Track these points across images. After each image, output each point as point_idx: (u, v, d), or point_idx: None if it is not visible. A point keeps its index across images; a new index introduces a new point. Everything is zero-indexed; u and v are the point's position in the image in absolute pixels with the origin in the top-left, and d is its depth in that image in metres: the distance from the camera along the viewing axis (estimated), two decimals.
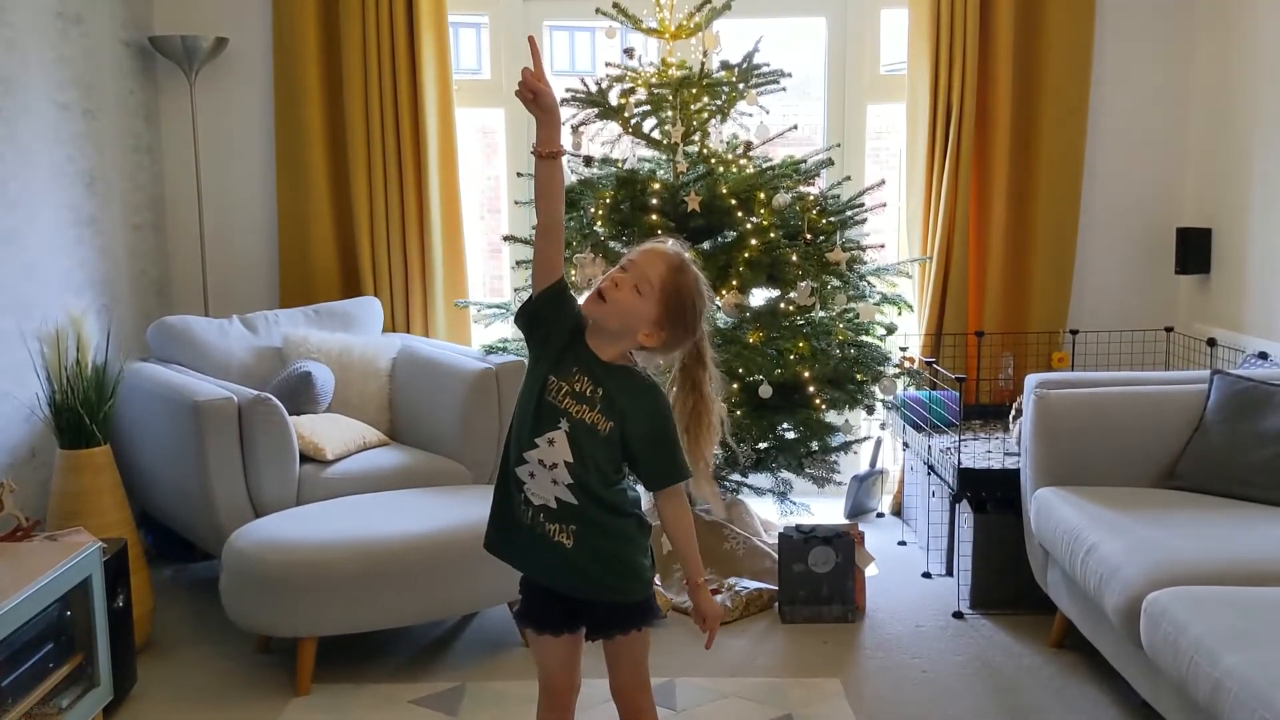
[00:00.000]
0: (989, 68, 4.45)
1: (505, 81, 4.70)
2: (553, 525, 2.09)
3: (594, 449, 2.08)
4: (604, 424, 2.08)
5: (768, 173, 3.85)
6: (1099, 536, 2.88)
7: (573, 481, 2.07)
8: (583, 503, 2.09)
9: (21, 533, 2.95)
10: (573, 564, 2.10)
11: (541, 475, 2.08)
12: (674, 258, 2.11)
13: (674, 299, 2.09)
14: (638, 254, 2.11)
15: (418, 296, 4.55)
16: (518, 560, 2.18)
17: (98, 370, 3.28)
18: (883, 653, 3.35)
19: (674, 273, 2.10)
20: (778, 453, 3.98)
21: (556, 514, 2.09)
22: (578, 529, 2.09)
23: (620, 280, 2.07)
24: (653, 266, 2.08)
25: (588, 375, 2.10)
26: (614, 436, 2.09)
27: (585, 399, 2.08)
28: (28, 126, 3.63)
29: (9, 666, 2.51)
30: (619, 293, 2.07)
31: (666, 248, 2.13)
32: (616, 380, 2.11)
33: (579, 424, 2.07)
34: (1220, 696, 2.16)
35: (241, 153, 4.62)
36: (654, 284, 2.07)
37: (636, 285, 2.07)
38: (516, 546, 2.15)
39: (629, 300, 2.07)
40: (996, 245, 4.54)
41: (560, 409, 2.08)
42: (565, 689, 2.25)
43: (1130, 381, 3.46)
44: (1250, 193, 4.12)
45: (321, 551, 3.05)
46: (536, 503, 2.09)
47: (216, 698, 3.10)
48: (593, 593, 2.15)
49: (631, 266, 2.09)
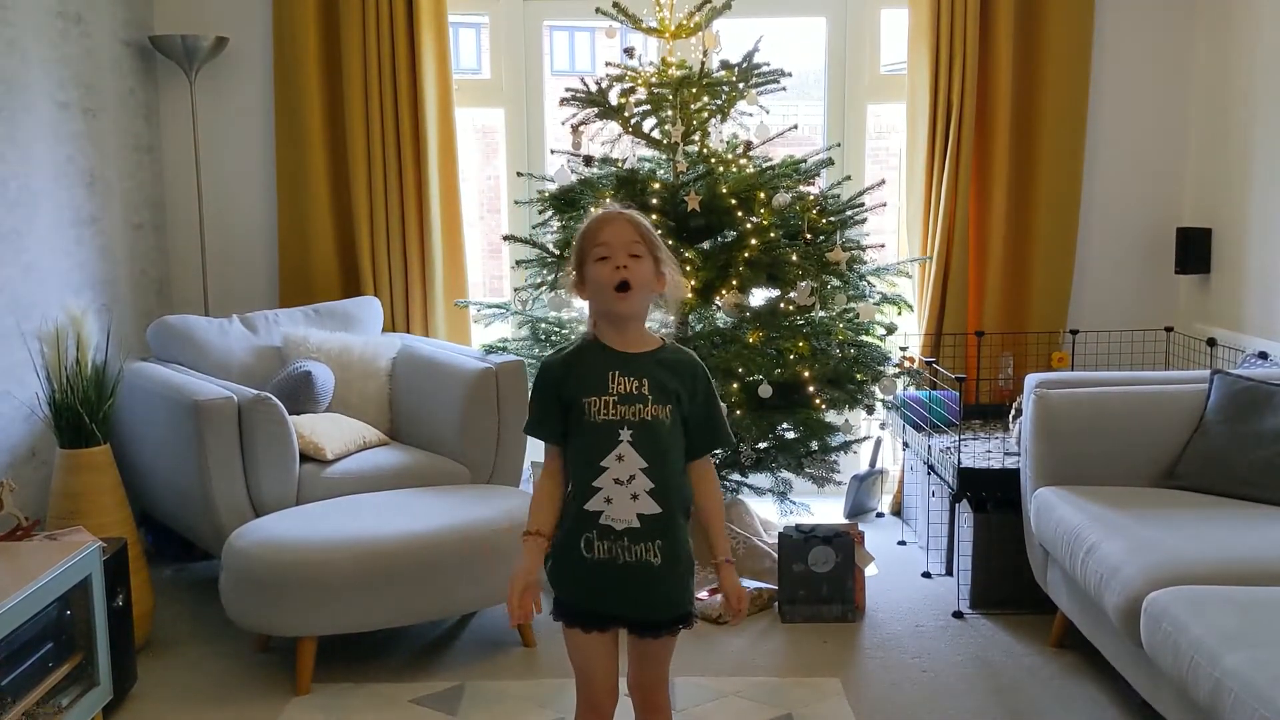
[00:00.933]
0: (989, 68, 4.45)
1: (505, 81, 4.70)
2: (639, 546, 2.06)
3: (664, 443, 2.07)
4: (663, 412, 2.07)
5: (768, 172, 3.85)
6: (1099, 536, 2.88)
7: (654, 486, 2.05)
8: (666, 508, 2.07)
9: (21, 532, 2.95)
10: (661, 581, 2.08)
11: (619, 495, 2.05)
12: (617, 213, 2.13)
13: (650, 237, 2.11)
14: (604, 235, 2.09)
15: (417, 296, 4.55)
16: (603, 601, 2.12)
17: (98, 370, 3.28)
18: (882, 652, 3.35)
19: (634, 222, 2.11)
20: (777, 452, 3.98)
21: (642, 532, 2.06)
22: (664, 542, 2.07)
23: (621, 264, 2.07)
24: (623, 230, 2.09)
25: (627, 374, 2.08)
26: (676, 421, 2.09)
27: (635, 397, 2.07)
28: (28, 126, 3.63)
29: (9, 666, 2.51)
30: (632, 272, 2.07)
31: (609, 212, 2.14)
32: (656, 364, 2.10)
33: (640, 425, 2.05)
34: (1221, 696, 2.16)
35: (241, 152, 4.62)
36: (638, 239, 2.09)
37: (632, 255, 2.08)
38: (598, 587, 2.10)
39: (642, 271, 2.08)
40: (996, 245, 4.54)
41: (614, 421, 2.06)
42: (607, 689, 2.18)
43: (1130, 381, 3.46)
44: (1250, 193, 4.12)
45: (321, 551, 3.05)
46: (619, 528, 2.05)
47: (216, 697, 3.10)
48: (672, 610, 2.13)
49: (612, 249, 2.08)
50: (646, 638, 2.16)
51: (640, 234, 2.10)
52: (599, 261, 2.08)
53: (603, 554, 2.07)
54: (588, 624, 2.14)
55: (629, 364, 2.09)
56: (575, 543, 2.08)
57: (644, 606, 2.12)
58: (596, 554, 2.07)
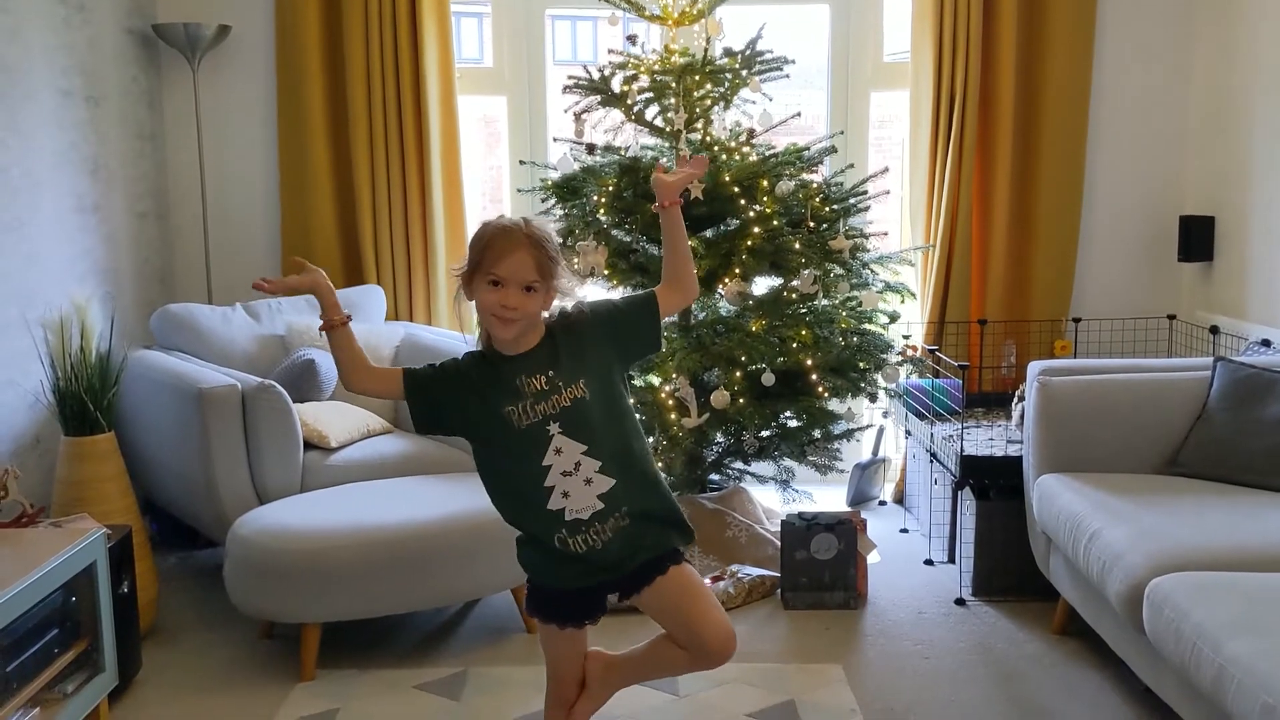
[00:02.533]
0: (992, 55, 4.44)
1: (507, 69, 4.70)
2: (608, 522, 2.08)
3: (593, 419, 2.07)
4: (578, 389, 2.07)
5: (771, 160, 3.84)
6: (1101, 523, 2.89)
7: (601, 463, 2.06)
8: (620, 477, 2.08)
9: (26, 519, 2.96)
10: (638, 536, 2.11)
11: (574, 486, 2.07)
12: (522, 238, 2.04)
13: (547, 266, 2.05)
14: (501, 268, 2.03)
15: (420, 285, 4.55)
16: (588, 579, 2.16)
17: (101, 358, 3.29)
18: (885, 639, 3.36)
19: (534, 251, 2.04)
20: (780, 440, 3.98)
21: (607, 509, 2.08)
22: (628, 505, 2.09)
23: (510, 304, 2.02)
24: (521, 265, 2.03)
25: (531, 373, 2.08)
26: (597, 387, 2.09)
27: (548, 391, 2.07)
28: (31, 113, 3.63)
29: (14, 652, 2.51)
30: (520, 310, 2.03)
31: (513, 234, 2.05)
32: (549, 350, 2.10)
33: (562, 413, 2.06)
34: (1223, 682, 2.16)
35: (244, 140, 4.62)
36: (535, 277, 2.04)
37: (525, 288, 2.04)
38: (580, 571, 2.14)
39: (531, 306, 2.05)
40: (999, 233, 4.53)
41: (538, 421, 2.06)
42: (573, 681, 2.26)
43: (1133, 369, 3.46)
44: (1253, 180, 4.11)
45: (325, 538, 3.06)
46: (587, 516, 2.07)
47: (221, 683, 3.11)
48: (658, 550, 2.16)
49: (505, 283, 2.03)
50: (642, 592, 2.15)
51: (538, 267, 2.04)
52: (490, 285, 2.04)
53: (580, 547, 2.08)
54: (547, 617, 2.19)
55: (529, 362, 2.09)
56: (550, 542, 2.09)
57: (629, 565, 2.14)
58: (574, 548, 2.09)
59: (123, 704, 2.99)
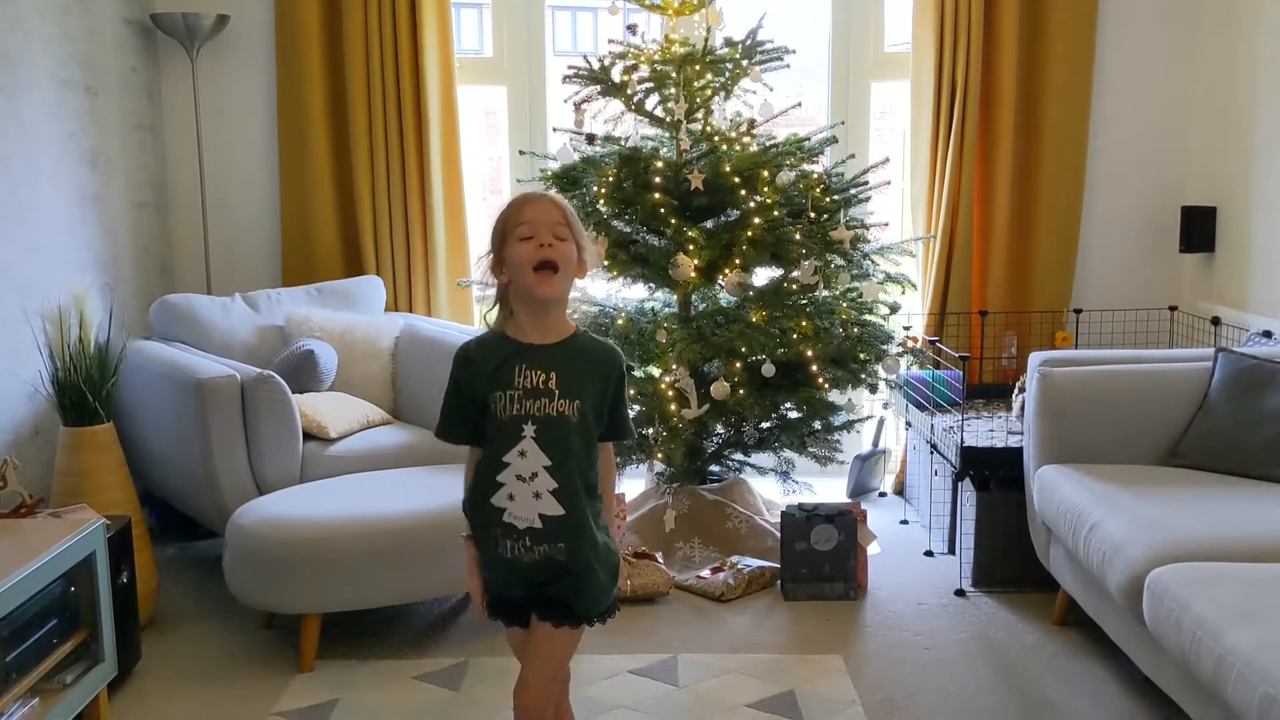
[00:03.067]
0: (993, 46, 4.43)
1: (507, 60, 4.68)
2: (541, 547, 2.00)
3: (570, 441, 1.99)
4: (570, 408, 1.99)
5: (771, 151, 3.83)
6: (1102, 514, 2.88)
7: (557, 486, 1.98)
8: (570, 510, 1.99)
9: (25, 509, 2.96)
10: (569, 579, 2.03)
11: (521, 493, 1.99)
12: (541, 194, 2.06)
13: (574, 221, 2.03)
14: (528, 213, 2.01)
15: (420, 276, 4.55)
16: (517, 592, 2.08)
17: (100, 348, 3.28)
18: (884, 630, 3.35)
19: (558, 204, 2.04)
20: (780, 432, 3.98)
21: (544, 533, 1.99)
22: (567, 545, 2.01)
23: (547, 244, 1.98)
24: (547, 210, 2.01)
25: (534, 367, 2.01)
26: (584, 421, 2.00)
27: (541, 392, 1.99)
28: (30, 104, 3.62)
29: (13, 642, 2.51)
30: (557, 252, 1.99)
31: (532, 193, 2.07)
32: (568, 356, 2.03)
33: (544, 421, 1.98)
34: (1223, 672, 2.16)
35: (243, 131, 4.61)
36: (563, 222, 2.01)
37: (557, 236, 2.00)
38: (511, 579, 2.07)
39: (566, 252, 2.01)
40: (1000, 224, 4.53)
41: (519, 416, 1.99)
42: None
43: (1134, 360, 3.45)
44: (1255, 171, 4.10)
45: (325, 529, 3.06)
46: (521, 526, 1.99)
47: (220, 674, 3.11)
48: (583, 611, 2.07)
49: (536, 228, 1.99)
50: (546, 621, 2.06)
51: (565, 216, 2.02)
52: (522, 241, 2.00)
53: (506, 553, 2.03)
54: (509, 618, 2.12)
55: (537, 356, 2.02)
56: (486, 536, 2.06)
57: (556, 594, 2.05)
58: (503, 551, 2.03)
59: (122, 694, 2.99)
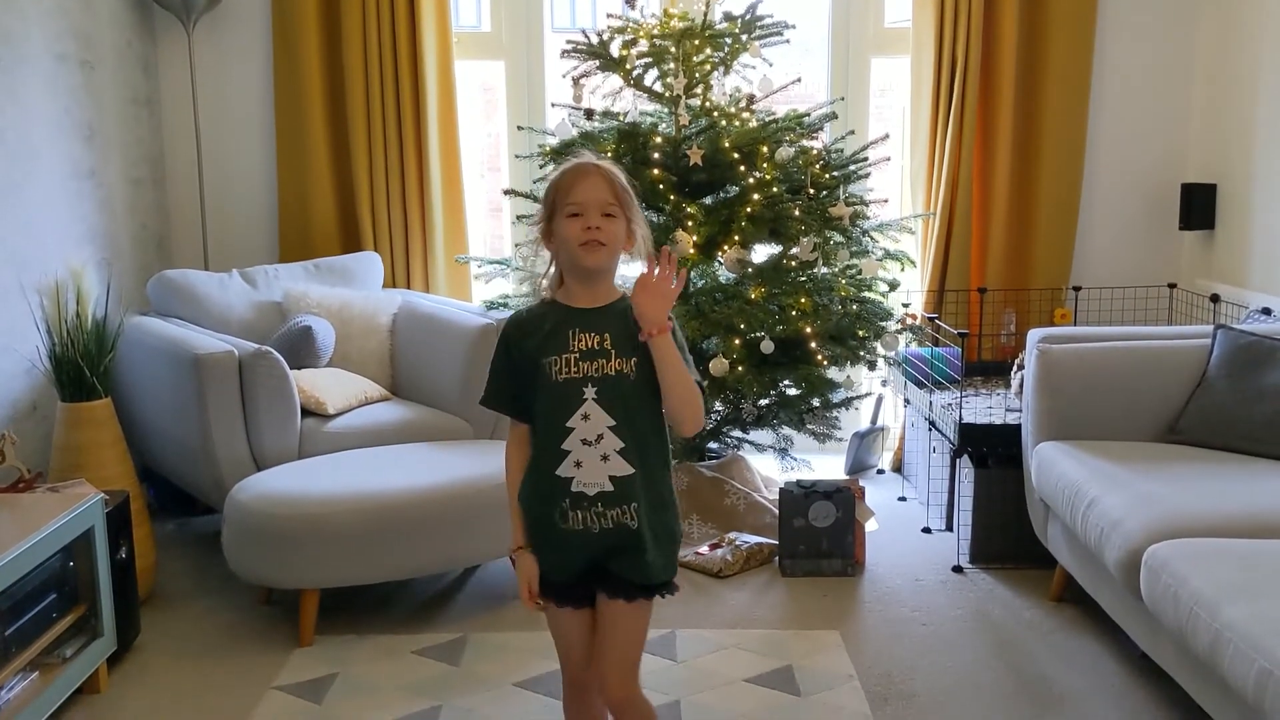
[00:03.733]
0: (994, 22, 4.41)
1: (505, 34, 4.66)
2: (614, 510, 1.98)
3: (631, 399, 1.99)
4: (628, 365, 1.99)
5: (770, 126, 3.82)
6: (1100, 490, 2.88)
7: (624, 445, 1.98)
8: (640, 468, 1.99)
9: (24, 485, 2.96)
10: (638, 546, 2.01)
11: (589, 457, 1.98)
12: (593, 168, 2.03)
13: (624, 196, 2.02)
14: (577, 193, 2.00)
15: (418, 252, 4.53)
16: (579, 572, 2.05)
17: (98, 324, 3.27)
18: (882, 606, 3.36)
19: (609, 179, 2.02)
20: (779, 409, 3.98)
21: (615, 495, 1.98)
22: (640, 505, 2.00)
23: (593, 224, 1.98)
24: (597, 190, 2.00)
25: (588, 329, 2.00)
26: (647, 377, 1.99)
27: (597, 352, 1.99)
28: (25, 78, 3.60)
29: (12, 616, 2.52)
30: (604, 231, 1.99)
31: (584, 166, 2.03)
32: (617, 315, 2.02)
33: (604, 381, 1.98)
34: (1220, 648, 2.17)
35: (240, 105, 4.58)
36: (613, 200, 2.00)
37: (605, 214, 1.99)
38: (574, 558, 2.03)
39: (614, 230, 2.00)
40: (1000, 201, 4.51)
41: (577, 379, 1.98)
42: (581, 663, 2.13)
43: (1133, 337, 3.45)
44: (1255, 148, 4.09)
45: (323, 505, 3.06)
46: (592, 493, 1.98)
47: (219, 648, 3.12)
48: (648, 577, 2.04)
49: (585, 208, 1.99)
50: (617, 599, 2.04)
51: (615, 193, 2.01)
52: (570, 218, 2.00)
53: (577, 524, 1.99)
54: (560, 599, 2.08)
55: (590, 319, 2.01)
56: (550, 513, 2.01)
57: (623, 571, 2.03)
58: (572, 524, 2.00)
59: (121, 668, 2.99)
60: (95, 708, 2.80)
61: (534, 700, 2.81)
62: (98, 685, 2.84)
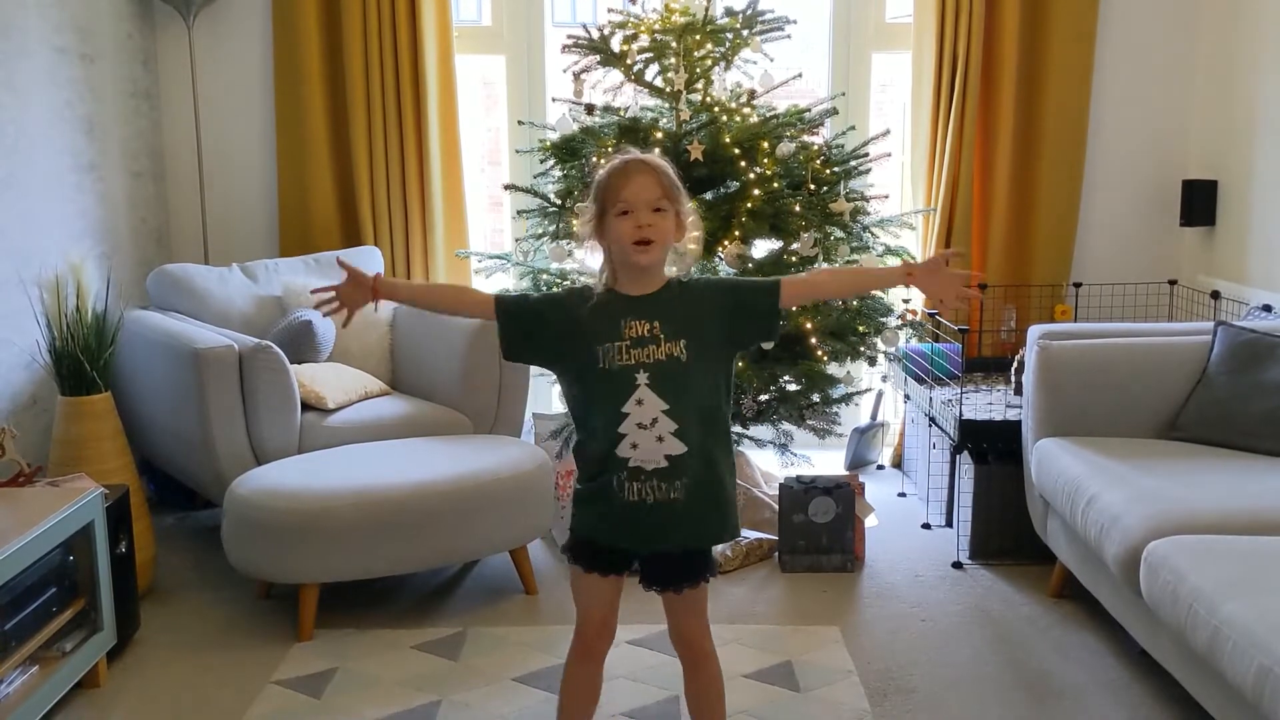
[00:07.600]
0: (995, 17, 4.40)
1: (506, 29, 4.65)
2: (665, 484, 2.06)
3: (683, 381, 2.06)
4: (678, 349, 2.06)
5: (771, 122, 3.81)
6: (1100, 486, 2.89)
7: (677, 427, 2.05)
8: (692, 446, 2.06)
9: (23, 478, 2.96)
10: (679, 520, 2.09)
11: (644, 439, 2.05)
12: (642, 165, 2.08)
13: (673, 190, 2.09)
14: (627, 192, 2.06)
15: (418, 246, 4.53)
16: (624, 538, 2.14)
17: (98, 317, 3.27)
18: (881, 602, 3.36)
19: (658, 176, 2.08)
20: (779, 404, 3.97)
21: (670, 471, 2.06)
22: (689, 480, 2.07)
23: (645, 223, 2.05)
24: (647, 188, 2.06)
25: (639, 317, 2.08)
26: (698, 355, 2.07)
27: (648, 339, 2.06)
28: (25, 71, 3.59)
29: (12, 610, 2.52)
30: (655, 229, 2.05)
31: (634, 163, 2.09)
32: (667, 300, 2.10)
33: (655, 367, 2.05)
34: (1219, 644, 2.17)
35: (241, 99, 4.58)
36: (662, 196, 2.06)
37: (655, 210, 2.06)
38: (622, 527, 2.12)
39: (664, 227, 2.07)
40: (1001, 197, 4.51)
41: (630, 366, 2.05)
42: (603, 634, 2.23)
43: (1133, 333, 3.45)
44: (1256, 145, 4.09)
45: (323, 499, 3.06)
46: (649, 468, 2.06)
47: (219, 643, 3.12)
48: (704, 541, 2.17)
49: (635, 207, 2.05)
50: (668, 592, 2.17)
51: (664, 190, 2.07)
52: (620, 216, 2.06)
53: (633, 496, 2.08)
54: (595, 566, 2.17)
55: (640, 307, 2.09)
56: (608, 483, 2.09)
57: (660, 542, 2.13)
58: (628, 495, 2.08)
59: (121, 663, 2.99)
60: (95, 702, 2.80)
61: (533, 695, 2.81)
62: (97, 679, 2.84)
